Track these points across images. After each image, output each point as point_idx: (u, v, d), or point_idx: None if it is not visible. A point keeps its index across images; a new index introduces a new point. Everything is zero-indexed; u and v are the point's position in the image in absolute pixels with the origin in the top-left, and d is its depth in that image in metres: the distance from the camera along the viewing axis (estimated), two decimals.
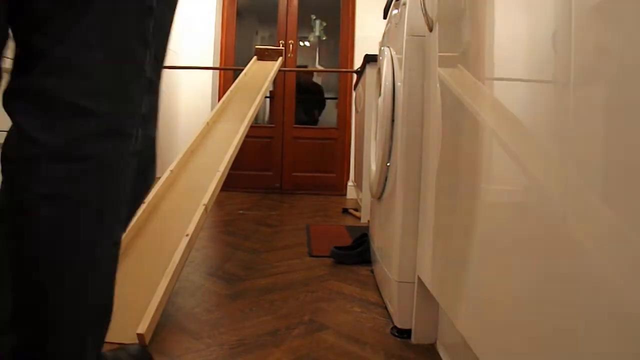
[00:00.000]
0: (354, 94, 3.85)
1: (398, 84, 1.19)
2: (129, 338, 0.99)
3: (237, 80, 2.54)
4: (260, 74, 2.64)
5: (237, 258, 1.76)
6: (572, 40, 0.46)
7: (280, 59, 2.91)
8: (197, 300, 1.28)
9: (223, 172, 1.60)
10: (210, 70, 4.01)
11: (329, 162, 4.12)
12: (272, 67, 2.71)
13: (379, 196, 1.40)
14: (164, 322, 1.10)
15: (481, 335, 0.69)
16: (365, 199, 2.63)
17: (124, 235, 1.26)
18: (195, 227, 1.31)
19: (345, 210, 3.08)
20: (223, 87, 4.10)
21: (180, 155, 1.71)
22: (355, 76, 3.74)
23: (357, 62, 3.78)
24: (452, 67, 0.89)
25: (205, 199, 1.42)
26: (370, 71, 2.51)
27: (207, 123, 1.99)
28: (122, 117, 0.62)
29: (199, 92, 4.00)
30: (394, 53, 1.29)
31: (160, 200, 1.50)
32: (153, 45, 0.65)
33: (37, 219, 0.57)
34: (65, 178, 0.58)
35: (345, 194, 4.01)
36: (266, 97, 3.98)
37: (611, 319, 0.38)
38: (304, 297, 1.34)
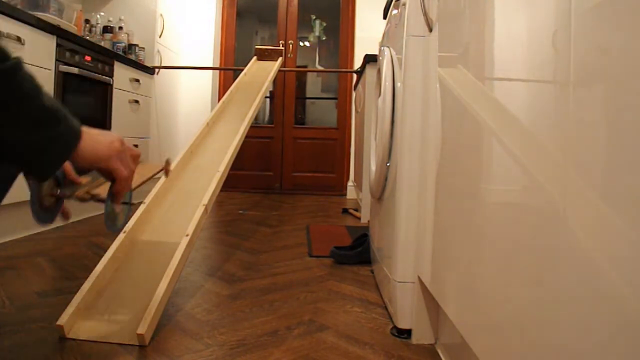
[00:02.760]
0: (354, 94, 3.85)
1: (398, 84, 1.19)
2: (129, 338, 0.99)
3: (237, 81, 2.53)
4: (260, 74, 2.64)
5: (237, 258, 1.76)
6: (572, 40, 0.46)
7: (280, 59, 2.91)
8: (197, 301, 1.28)
9: (223, 172, 1.60)
10: (210, 70, 4.01)
11: (329, 162, 4.12)
12: (272, 67, 2.71)
13: (379, 196, 1.40)
14: (164, 322, 1.10)
15: (481, 335, 0.69)
16: (365, 199, 2.63)
17: (123, 236, 1.28)
18: (195, 227, 1.31)
19: (345, 210, 3.09)
20: (223, 87, 4.10)
21: (180, 155, 1.71)
22: (355, 76, 3.74)
23: (357, 62, 3.79)
24: (452, 67, 0.89)
25: (205, 199, 1.42)
26: (370, 71, 2.51)
27: (207, 123, 1.99)
28: None
29: (199, 92, 4.01)
30: (394, 53, 1.29)
31: (161, 200, 1.50)
32: None
33: None
34: None
35: (345, 194, 4.01)
36: (266, 97, 3.98)
37: (611, 319, 0.38)
38: (304, 297, 1.34)
